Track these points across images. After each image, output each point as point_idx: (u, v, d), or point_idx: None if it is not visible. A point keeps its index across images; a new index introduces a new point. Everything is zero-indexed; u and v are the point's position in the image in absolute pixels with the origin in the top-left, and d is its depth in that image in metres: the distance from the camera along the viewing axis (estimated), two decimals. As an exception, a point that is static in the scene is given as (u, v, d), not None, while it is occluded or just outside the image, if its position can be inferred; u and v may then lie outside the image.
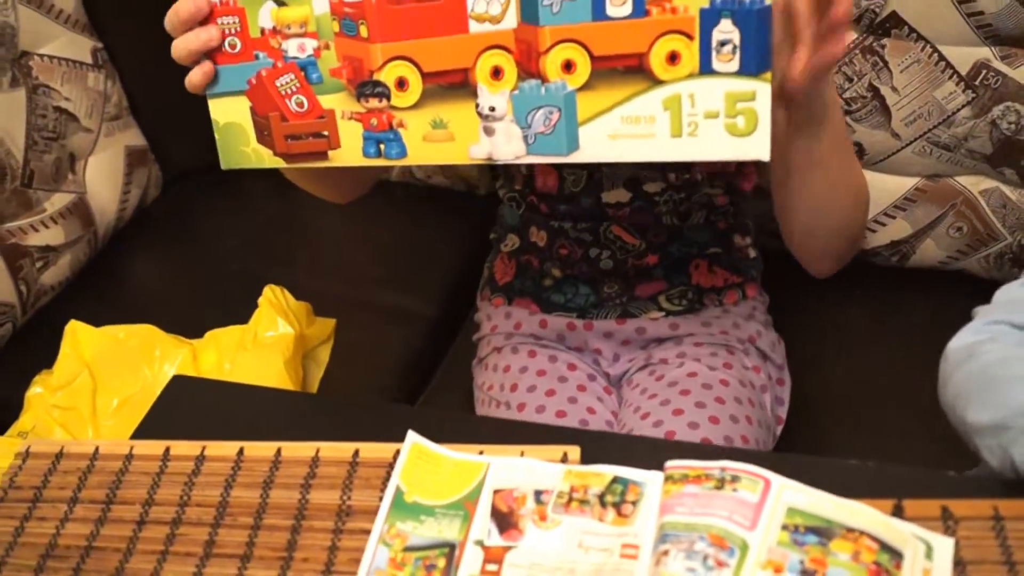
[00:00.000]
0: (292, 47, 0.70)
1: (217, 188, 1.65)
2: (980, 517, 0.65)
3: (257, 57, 0.71)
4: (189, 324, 1.32)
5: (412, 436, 0.72)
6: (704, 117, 0.64)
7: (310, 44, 0.70)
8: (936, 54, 1.13)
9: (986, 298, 0.86)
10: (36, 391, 1.28)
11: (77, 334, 1.30)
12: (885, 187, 1.24)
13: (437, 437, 0.72)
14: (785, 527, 0.63)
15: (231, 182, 1.66)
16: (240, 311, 1.31)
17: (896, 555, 0.62)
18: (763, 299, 1.14)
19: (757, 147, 0.64)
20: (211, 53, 0.73)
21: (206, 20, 0.71)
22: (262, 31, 0.70)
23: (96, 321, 1.30)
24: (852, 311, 1.29)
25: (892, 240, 1.27)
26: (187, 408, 0.80)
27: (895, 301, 1.29)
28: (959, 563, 0.63)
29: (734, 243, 1.11)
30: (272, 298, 1.27)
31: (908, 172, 1.22)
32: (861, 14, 1.14)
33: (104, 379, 1.28)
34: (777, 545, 0.62)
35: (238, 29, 0.71)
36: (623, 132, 0.66)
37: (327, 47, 0.70)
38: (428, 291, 1.41)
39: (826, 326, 1.27)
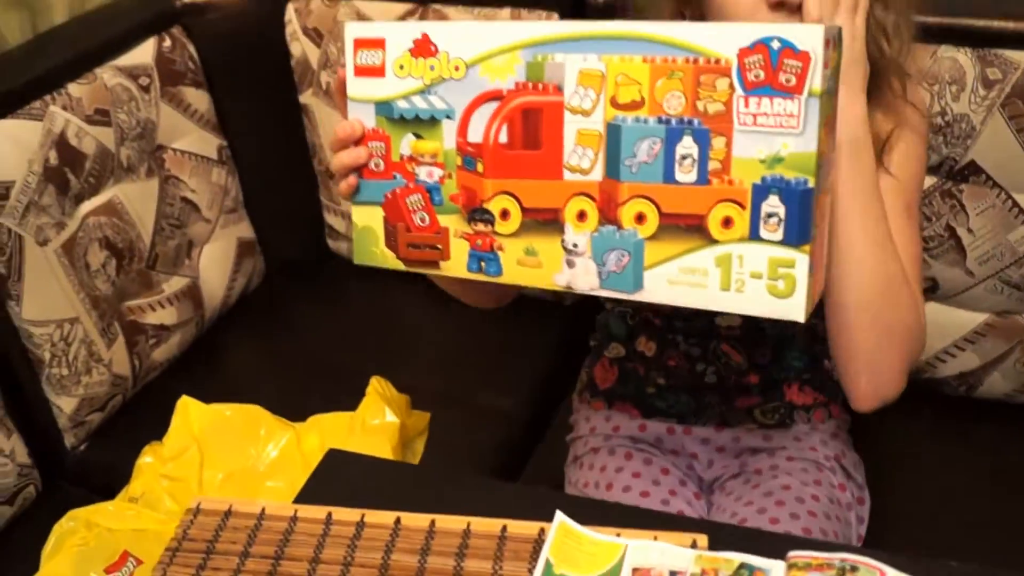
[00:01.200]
0: (423, 172, 0.83)
1: (314, 281, 1.77)
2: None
3: (394, 177, 0.85)
4: (287, 407, 1.41)
5: (560, 516, 0.80)
6: (750, 276, 0.75)
7: (437, 172, 0.83)
8: (1010, 200, 1.23)
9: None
10: (146, 460, 1.36)
11: (188, 409, 1.39)
12: (957, 321, 1.33)
13: (575, 518, 0.80)
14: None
15: (327, 276, 1.79)
16: (336, 397, 1.40)
17: None
18: (846, 419, 1.22)
19: (794, 309, 0.74)
20: (359, 169, 0.86)
21: (359, 142, 0.85)
22: (401, 156, 0.84)
23: (198, 398, 1.39)
24: (923, 437, 1.37)
25: (961, 371, 1.35)
26: (343, 479, 0.89)
27: (963, 430, 1.37)
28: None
29: (824, 367, 1.20)
30: (378, 388, 1.36)
31: (979, 308, 1.31)
32: (942, 161, 1.24)
33: (211, 453, 1.37)
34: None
35: (383, 152, 0.84)
36: (680, 280, 0.77)
37: (450, 176, 0.83)
38: (518, 390, 1.50)
39: (901, 450, 1.34)
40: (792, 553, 0.75)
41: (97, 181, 1.42)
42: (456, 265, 0.84)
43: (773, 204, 0.73)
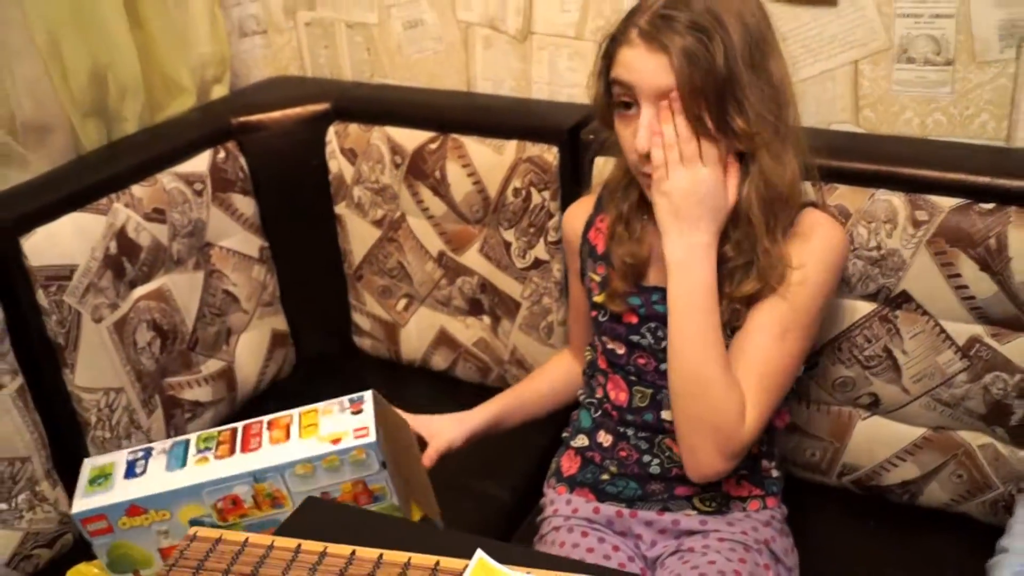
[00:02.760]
0: None
1: (339, 372, 1.95)
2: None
3: None
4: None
5: (480, 552, 0.96)
6: None
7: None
8: (938, 327, 1.37)
9: (984, 542, 1.07)
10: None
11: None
12: (897, 433, 1.46)
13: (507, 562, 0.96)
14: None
15: (352, 369, 1.97)
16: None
17: None
18: (782, 511, 1.36)
19: None
20: None
21: None
22: None
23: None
24: (867, 538, 1.48)
25: (903, 480, 1.47)
26: (315, 522, 1.06)
27: (904, 534, 1.48)
28: None
29: (762, 466, 1.35)
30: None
31: (916, 422, 1.44)
32: (879, 289, 1.39)
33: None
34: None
35: None
36: None
37: None
38: (510, 479, 1.66)
39: (844, 547, 1.47)
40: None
41: (150, 270, 1.65)
42: None
43: None
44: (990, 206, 1.31)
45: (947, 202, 1.33)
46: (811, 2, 1.51)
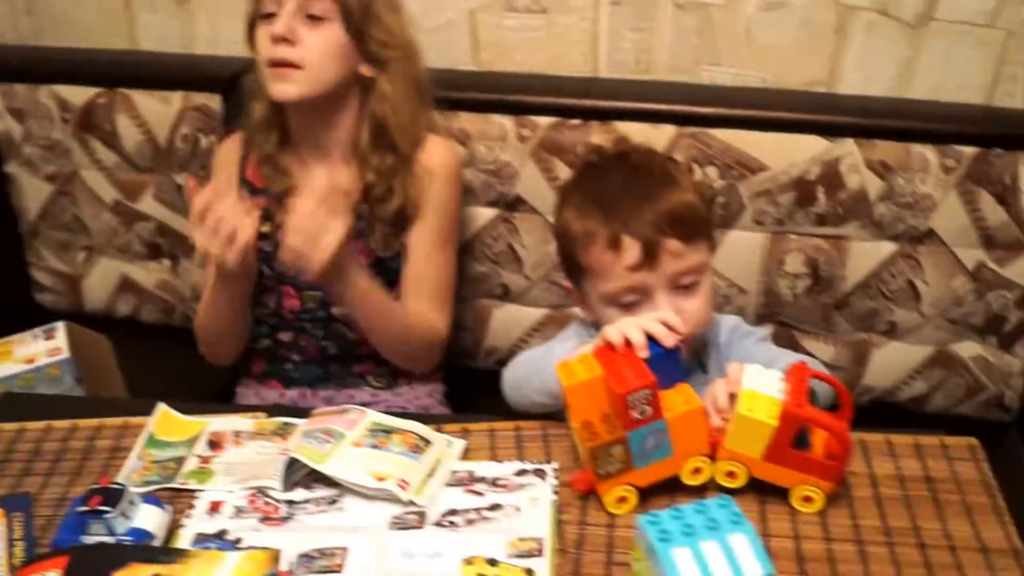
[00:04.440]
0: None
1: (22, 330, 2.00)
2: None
3: None
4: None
5: (161, 405, 1.16)
6: None
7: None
8: (953, 255, 1.60)
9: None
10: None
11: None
12: (909, 354, 1.69)
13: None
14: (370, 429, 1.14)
15: (33, 325, 2.02)
16: None
17: (428, 441, 1.15)
18: (442, 387, 1.65)
19: None
20: None
21: None
22: None
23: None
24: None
25: (913, 396, 1.72)
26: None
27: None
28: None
29: None
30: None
31: (926, 342, 1.68)
32: (905, 230, 1.59)
33: None
34: (360, 435, 1.13)
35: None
36: None
37: None
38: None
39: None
40: (315, 412, 1.14)
41: None
42: None
43: None
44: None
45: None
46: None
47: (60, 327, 1.63)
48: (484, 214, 1.70)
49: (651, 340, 1.07)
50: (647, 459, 1.05)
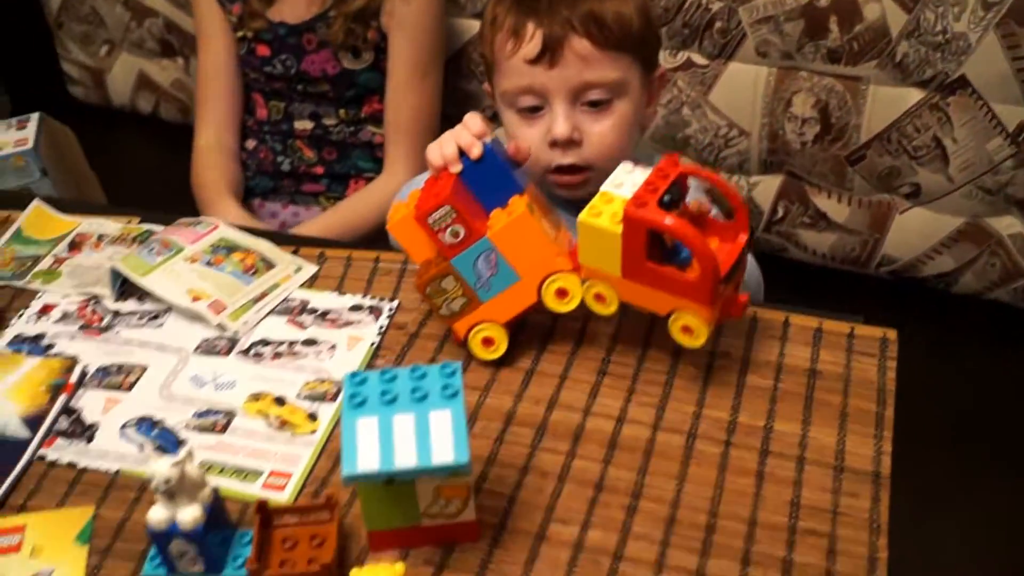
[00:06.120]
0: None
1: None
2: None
3: None
4: None
5: (37, 201, 1.14)
6: None
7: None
8: (991, 113, 1.35)
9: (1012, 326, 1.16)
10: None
11: None
12: (935, 224, 1.47)
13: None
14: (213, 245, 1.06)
15: (64, 117, 2.04)
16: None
17: (271, 264, 1.05)
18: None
19: None
20: None
21: None
22: None
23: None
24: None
25: (939, 272, 1.51)
26: None
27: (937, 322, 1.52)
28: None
29: None
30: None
31: (955, 212, 1.45)
32: (934, 75, 1.35)
33: None
34: (198, 251, 1.05)
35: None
36: None
37: None
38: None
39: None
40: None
41: None
42: None
43: None
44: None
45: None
46: None
47: (33, 118, 1.60)
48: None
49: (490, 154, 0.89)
50: (491, 288, 0.90)
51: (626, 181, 0.85)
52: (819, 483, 0.80)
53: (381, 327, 0.98)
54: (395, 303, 1.01)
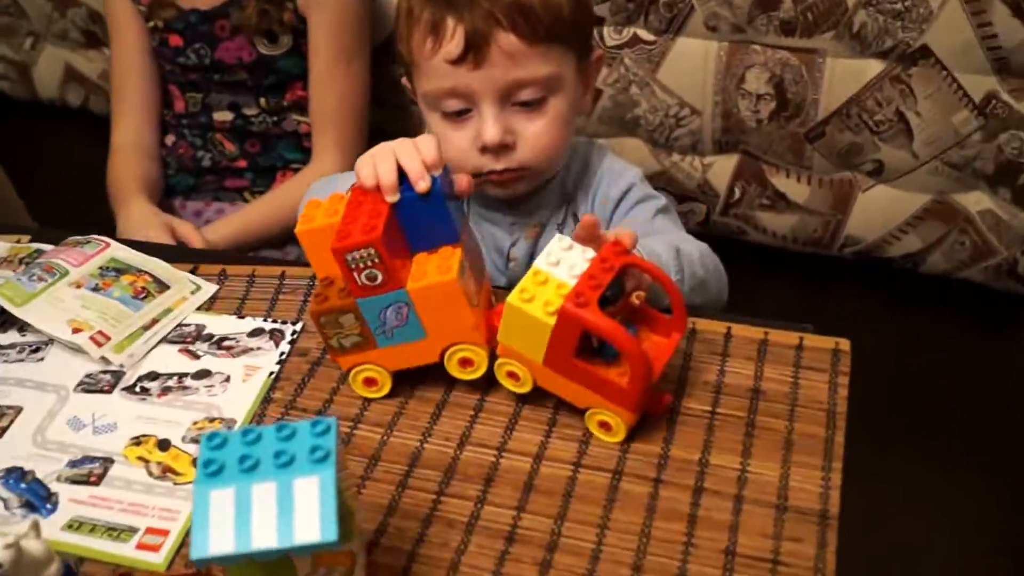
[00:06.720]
0: None
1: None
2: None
3: None
4: None
5: None
6: None
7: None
8: (956, 83, 1.25)
9: (983, 307, 1.10)
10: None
11: None
12: (900, 203, 1.36)
13: None
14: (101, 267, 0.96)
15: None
16: None
17: (165, 286, 0.95)
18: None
19: None
20: None
21: None
22: None
23: None
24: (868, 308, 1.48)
25: (906, 252, 1.41)
26: None
27: (906, 303, 1.46)
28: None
29: None
30: None
31: (921, 189, 1.35)
32: (895, 45, 1.24)
33: None
34: (84, 274, 0.96)
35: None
36: None
37: None
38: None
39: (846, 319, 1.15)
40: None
41: None
42: None
43: None
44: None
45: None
46: None
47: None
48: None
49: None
50: (393, 338, 0.81)
51: (563, 259, 0.76)
52: (758, 527, 0.71)
53: (282, 354, 0.89)
54: (299, 325, 0.92)
